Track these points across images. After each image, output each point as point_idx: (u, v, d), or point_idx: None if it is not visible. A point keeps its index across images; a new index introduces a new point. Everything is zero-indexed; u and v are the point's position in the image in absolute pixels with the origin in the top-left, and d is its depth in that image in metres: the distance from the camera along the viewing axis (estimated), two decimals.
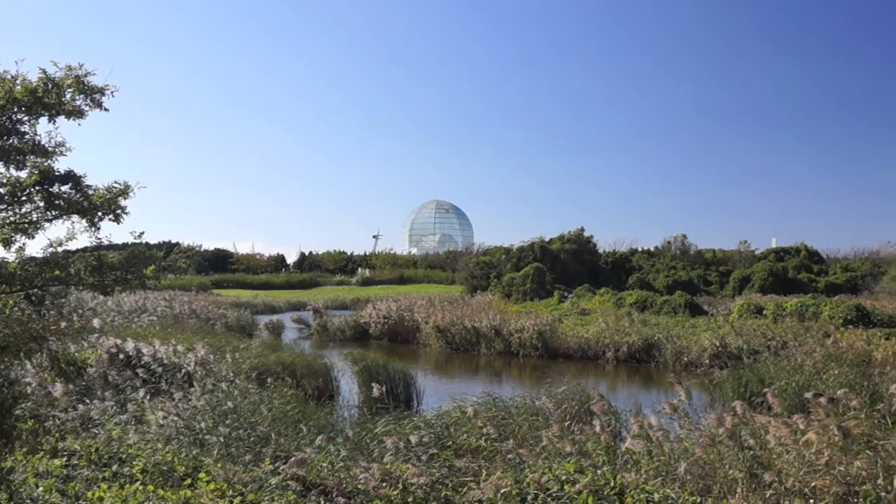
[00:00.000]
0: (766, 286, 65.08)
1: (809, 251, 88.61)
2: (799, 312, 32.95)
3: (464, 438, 10.04)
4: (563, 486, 6.96)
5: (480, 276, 69.53)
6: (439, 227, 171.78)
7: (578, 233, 74.17)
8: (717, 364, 23.16)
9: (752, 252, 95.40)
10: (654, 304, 39.95)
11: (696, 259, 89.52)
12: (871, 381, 14.84)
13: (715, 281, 75.75)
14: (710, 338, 25.84)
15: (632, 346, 27.06)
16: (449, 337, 31.91)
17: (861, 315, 30.81)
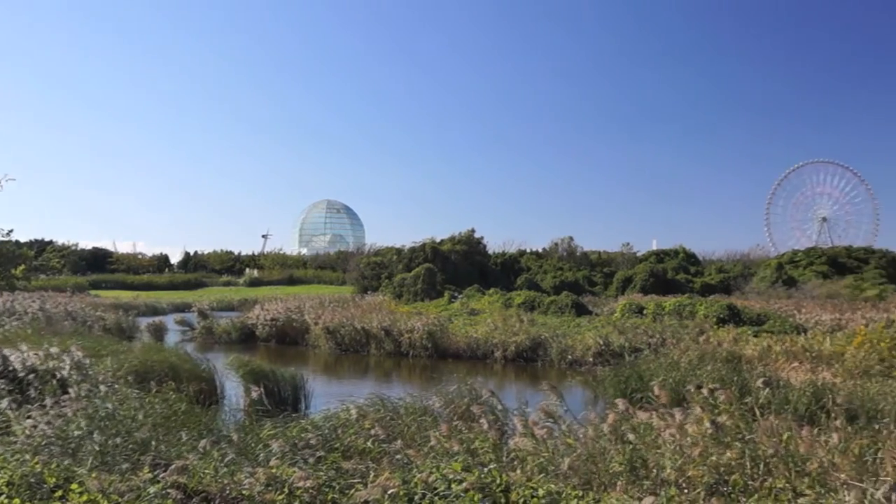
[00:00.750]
0: (647, 286, 67.74)
1: (687, 253, 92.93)
2: (677, 312, 34.47)
3: (352, 440, 9.94)
4: (451, 485, 6.98)
5: (371, 276, 69.29)
6: (330, 227, 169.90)
7: (469, 234, 75.00)
8: (600, 362, 23.91)
9: (634, 254, 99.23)
10: (542, 305, 40.85)
11: (582, 260, 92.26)
12: (741, 376, 15.67)
13: (600, 281, 78.27)
14: (594, 337, 26.66)
15: (519, 345, 27.57)
16: (339, 338, 31.61)
17: (733, 314, 32.53)
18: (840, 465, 7.48)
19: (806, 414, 12.03)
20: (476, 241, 75.54)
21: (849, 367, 17.39)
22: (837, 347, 20.16)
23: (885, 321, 31.60)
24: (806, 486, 6.74)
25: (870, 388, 14.27)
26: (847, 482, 6.86)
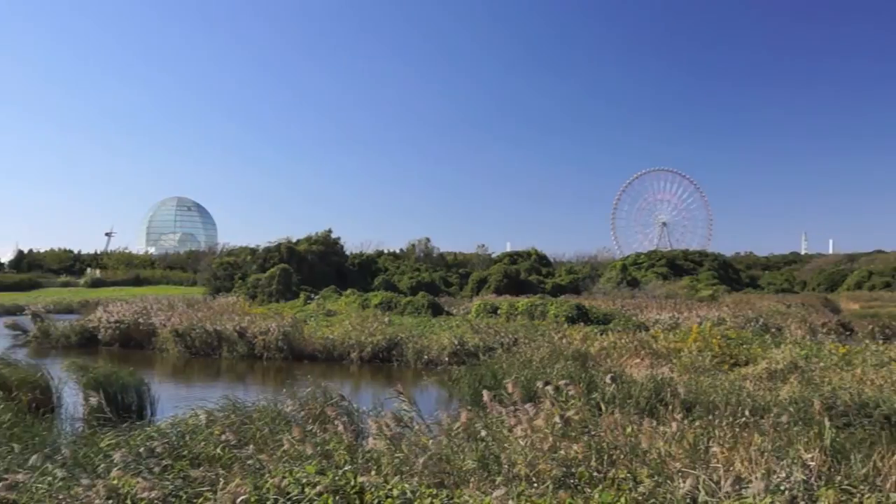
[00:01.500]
0: (501, 287, 69.49)
1: (539, 255, 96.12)
2: (529, 311, 35.56)
3: (201, 447, 9.56)
4: (304, 489, 6.87)
5: (224, 277, 67.09)
6: (181, 225, 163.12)
7: (326, 234, 74.14)
8: (455, 361, 24.25)
9: (489, 255, 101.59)
10: (399, 305, 41.01)
11: (439, 261, 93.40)
12: (589, 372, 16.37)
13: (455, 282, 79.54)
14: (450, 336, 27.05)
15: (376, 346, 27.55)
16: (188, 341, 30.36)
17: (581, 313, 33.95)
18: (676, 455, 7.95)
19: (647, 407, 12.70)
20: (333, 242, 74.82)
21: (685, 363, 18.55)
22: (675, 344, 21.47)
23: (716, 319, 33.99)
24: (645, 475, 7.12)
25: (703, 382, 15.29)
26: (682, 470, 7.31)
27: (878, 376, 14.88)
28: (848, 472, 7.63)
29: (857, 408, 12.81)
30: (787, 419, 10.50)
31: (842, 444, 9.00)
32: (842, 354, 18.59)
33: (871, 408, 12.78)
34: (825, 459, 7.88)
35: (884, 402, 12.81)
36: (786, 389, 14.26)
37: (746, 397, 13.43)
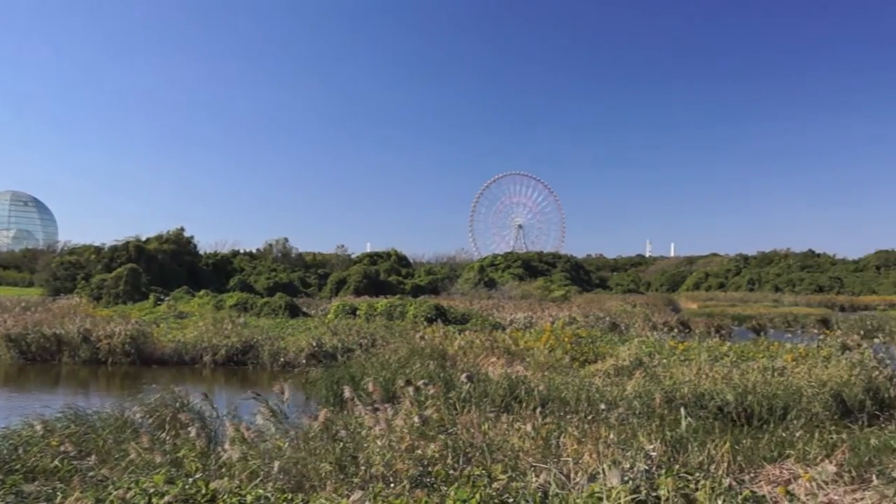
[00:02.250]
0: (360, 288, 69.25)
1: (399, 256, 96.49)
2: (388, 312, 35.61)
3: (37, 459, 8.92)
4: (151, 500, 6.56)
5: (66, 277, 62.95)
6: (16, 221, 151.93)
7: (178, 233, 71.08)
8: (313, 363, 23.92)
9: (348, 255, 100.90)
10: (255, 306, 40.02)
11: (298, 262, 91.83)
12: (447, 371, 16.58)
13: (314, 283, 78.49)
14: (308, 338, 26.66)
15: (231, 348, 26.71)
16: (23, 346, 28.25)
17: (440, 313, 34.35)
18: (529, 450, 8.19)
19: (502, 405, 13.02)
20: (186, 241, 71.87)
21: (539, 361, 19.15)
22: (529, 343, 22.14)
23: (568, 319, 35.34)
24: (500, 470, 7.29)
25: (555, 379, 15.84)
26: (535, 465, 7.54)
27: (713, 370, 15.93)
28: (685, 460, 8.14)
29: (694, 400, 13.68)
30: (631, 412, 11.06)
31: (680, 434, 9.58)
32: (681, 351, 19.79)
33: (707, 400, 13.68)
34: (665, 449, 8.37)
35: (717, 395, 13.74)
36: (631, 384, 15.01)
37: (595, 393, 14.02)
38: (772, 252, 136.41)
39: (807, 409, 13.33)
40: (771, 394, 13.79)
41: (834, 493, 7.43)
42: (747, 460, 8.78)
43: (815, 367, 15.95)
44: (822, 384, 14.19)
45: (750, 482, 8.03)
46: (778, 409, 13.38)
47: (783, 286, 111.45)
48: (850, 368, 15.24)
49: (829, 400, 13.63)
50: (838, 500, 7.24)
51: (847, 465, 8.13)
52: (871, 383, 14.61)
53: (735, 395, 13.65)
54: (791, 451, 9.18)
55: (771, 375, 15.32)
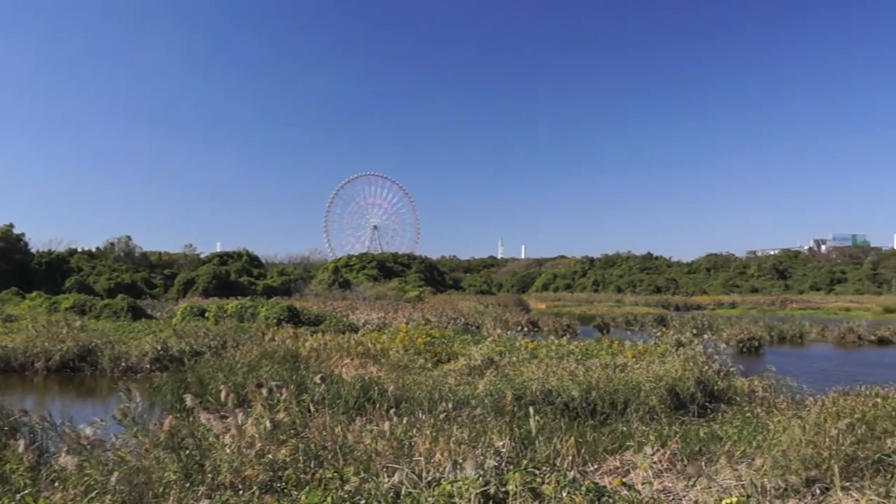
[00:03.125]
0: (209, 289, 66.91)
1: (250, 256, 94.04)
2: (239, 314, 34.63)
3: None
4: None
5: None
6: None
7: (6, 229, 65.94)
8: (158, 368, 22.87)
9: (197, 255, 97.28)
10: (95, 308, 37.85)
11: (142, 261, 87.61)
12: (299, 373, 16.31)
13: (160, 284, 75.09)
14: (152, 341, 25.44)
15: (66, 353, 25.01)
16: None
17: (293, 315, 33.76)
18: (382, 451, 8.19)
19: (355, 406, 12.96)
20: (16, 239, 66.80)
21: (392, 362, 19.22)
22: (383, 344, 22.17)
23: (422, 319, 35.68)
24: (352, 472, 7.25)
25: (409, 379, 15.95)
26: (387, 465, 7.56)
27: (560, 368, 16.57)
28: (533, 455, 8.41)
29: (542, 396, 14.17)
30: (482, 410, 11.30)
31: (528, 430, 9.89)
32: (531, 349, 20.45)
33: (554, 396, 14.21)
34: (515, 445, 8.61)
35: (564, 391, 14.30)
36: (483, 383, 15.34)
37: (448, 392, 14.23)
38: (615, 255, 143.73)
39: (645, 403, 14.12)
40: (613, 389, 14.50)
41: (667, 481, 7.91)
42: (591, 453, 9.19)
43: (653, 363, 16.93)
44: (658, 379, 15.07)
45: (593, 473, 8.41)
46: (619, 404, 14.10)
47: (625, 287, 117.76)
48: (684, 364, 16.28)
49: (664, 394, 14.50)
50: (671, 487, 7.72)
51: (679, 454, 8.68)
52: (702, 377, 15.69)
53: (580, 392, 14.25)
54: (630, 442, 9.69)
55: (613, 372, 16.11)
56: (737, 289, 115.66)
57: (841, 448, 8.34)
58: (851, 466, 8.08)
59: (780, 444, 8.69)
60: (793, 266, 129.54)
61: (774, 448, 8.62)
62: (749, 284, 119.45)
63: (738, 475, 7.63)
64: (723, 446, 9.17)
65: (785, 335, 40.33)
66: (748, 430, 10.95)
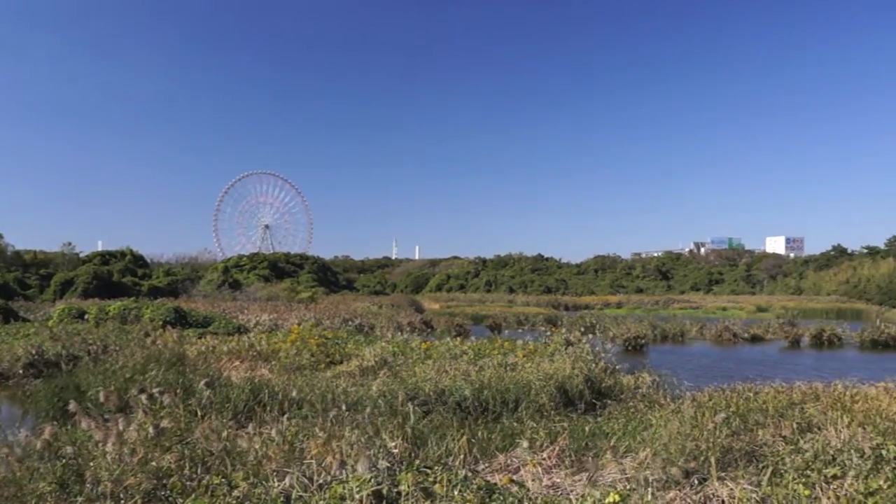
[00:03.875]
0: (90, 289, 63.93)
1: (135, 255, 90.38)
2: (122, 316, 33.22)
3: None
4: None
5: None
6: None
7: None
8: (32, 373, 21.65)
9: (76, 255, 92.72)
10: None
11: (15, 260, 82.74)
12: (186, 377, 15.78)
13: (35, 284, 71.18)
14: (26, 345, 24.03)
15: None
16: None
17: (180, 316, 32.68)
18: (273, 455, 8.03)
19: (244, 410, 12.66)
20: None
21: (284, 363, 18.88)
22: (275, 345, 21.76)
23: (314, 320, 35.27)
24: (241, 478, 7.07)
25: (301, 381, 15.71)
26: (277, 469, 7.41)
27: (453, 367, 16.70)
28: (426, 455, 8.44)
29: (435, 396, 14.24)
30: (375, 412, 11.26)
31: (422, 430, 9.93)
32: (424, 350, 20.53)
33: (447, 396, 14.31)
34: (407, 446, 8.62)
35: (456, 391, 14.42)
36: (376, 384, 15.29)
37: (341, 394, 14.10)
38: (507, 256, 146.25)
39: (535, 401, 14.41)
40: (504, 388, 14.73)
41: (556, 476, 8.11)
42: (482, 451, 9.30)
43: (543, 362, 17.30)
44: (548, 377, 15.41)
45: (484, 471, 8.52)
46: (510, 402, 14.33)
47: (517, 287, 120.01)
48: (573, 362, 16.72)
49: (554, 391, 14.84)
50: (560, 483, 7.91)
51: (568, 450, 8.91)
52: (590, 375, 16.16)
53: (472, 391, 14.41)
54: (521, 440, 9.87)
55: (504, 371, 16.37)
56: (623, 289, 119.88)
57: (717, 440, 8.77)
58: (727, 457, 8.51)
59: (661, 439, 9.06)
60: (675, 267, 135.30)
61: (656, 442, 8.97)
62: (634, 285, 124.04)
63: (622, 469, 7.89)
64: (608, 441, 9.47)
65: (667, 333, 42.03)
66: (632, 425, 11.36)
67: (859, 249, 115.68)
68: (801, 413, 11.86)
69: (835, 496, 6.57)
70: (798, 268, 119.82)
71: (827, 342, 39.13)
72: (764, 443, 9.43)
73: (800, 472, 7.48)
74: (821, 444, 8.46)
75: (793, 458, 8.15)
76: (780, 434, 10.07)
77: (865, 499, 6.12)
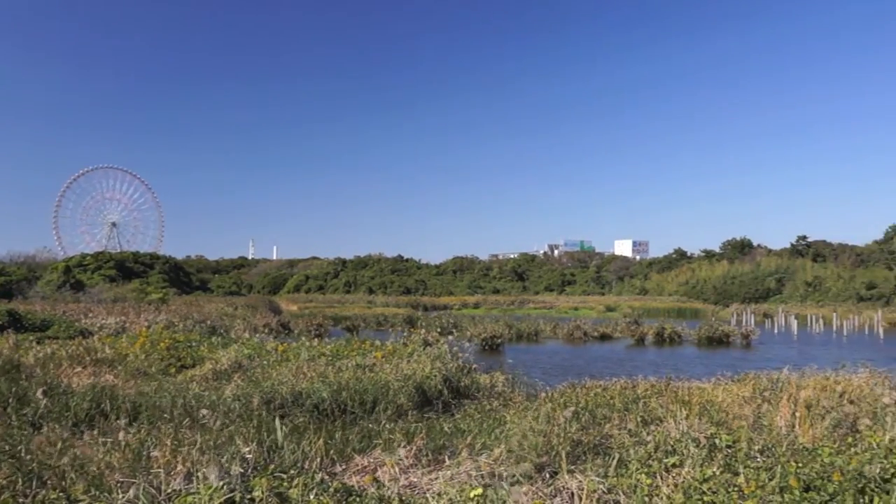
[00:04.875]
0: None
1: None
2: None
3: None
4: None
5: None
6: None
7: None
8: None
9: None
10: None
11: None
12: (21, 385, 14.69)
13: None
14: None
15: None
16: None
17: (14, 319, 30.45)
18: (117, 464, 7.62)
19: (86, 418, 11.95)
20: None
21: (131, 368, 17.98)
22: (122, 350, 20.68)
23: (165, 323, 33.84)
24: (81, 491, 6.66)
25: (149, 387, 15.01)
26: (122, 480, 7.03)
27: (311, 369, 16.48)
28: (282, 459, 8.27)
29: (292, 399, 14.00)
30: (229, 416, 10.93)
31: (277, 434, 9.71)
32: (281, 352, 20.14)
33: (304, 398, 14.10)
34: (262, 451, 8.41)
35: (314, 393, 14.23)
36: (230, 388, 14.84)
37: (192, 399, 13.59)
38: (367, 256, 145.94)
39: (393, 402, 14.46)
40: (362, 389, 14.69)
41: (414, 476, 8.15)
42: (339, 453, 9.22)
43: (402, 362, 17.39)
44: (406, 378, 15.50)
45: (342, 474, 8.44)
46: (368, 403, 14.31)
47: (376, 288, 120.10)
48: (431, 362, 16.90)
49: (412, 392, 14.95)
50: (418, 482, 7.96)
51: (425, 449, 8.98)
52: (447, 375, 16.39)
53: (330, 393, 14.27)
54: (378, 441, 9.87)
55: (363, 372, 16.33)
56: (480, 290, 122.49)
57: (568, 435, 9.11)
58: (577, 451, 8.85)
59: (515, 435, 9.30)
60: (530, 269, 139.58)
61: (511, 439, 9.21)
62: (492, 286, 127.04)
63: (478, 466, 8.04)
64: (465, 440, 9.63)
65: (522, 333, 43.35)
66: (488, 423, 11.61)
67: (698, 253, 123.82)
68: (645, 407, 12.56)
69: (673, 483, 6.97)
70: (643, 269, 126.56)
71: (668, 339, 41.62)
72: (611, 436, 9.89)
73: (643, 463, 7.89)
74: (662, 436, 8.95)
75: (637, 450, 8.59)
76: (626, 427, 10.60)
77: (700, 485, 6.52)
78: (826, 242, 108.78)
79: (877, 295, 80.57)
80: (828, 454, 7.23)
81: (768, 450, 8.36)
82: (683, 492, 6.30)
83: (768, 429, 10.23)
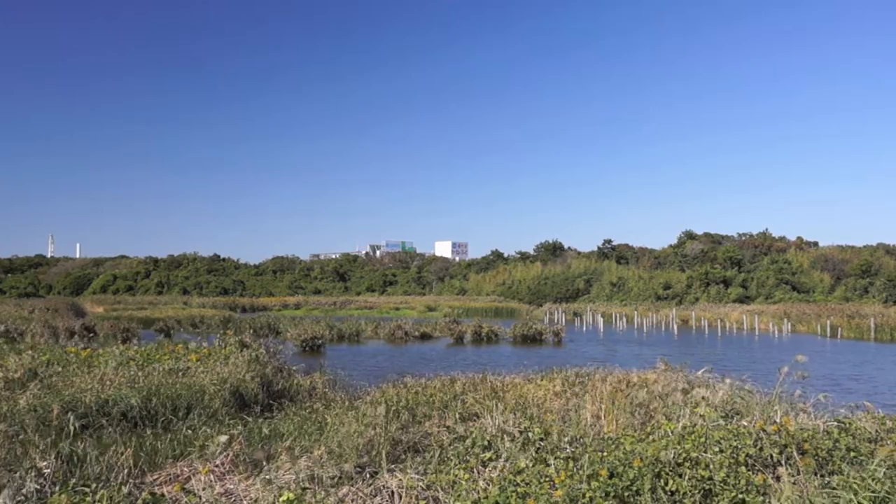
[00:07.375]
0: None
1: None
2: None
3: None
4: None
5: None
6: None
7: None
8: None
9: None
10: None
11: None
12: None
13: None
14: None
15: None
16: None
17: None
18: None
19: None
20: None
21: None
22: None
23: None
24: None
25: None
26: None
27: (119, 375, 15.54)
28: (85, 472, 7.74)
29: (97, 407, 13.13)
30: (23, 428, 10.09)
31: (80, 446, 9.08)
32: (85, 357, 18.81)
33: (111, 406, 13.27)
34: (62, 464, 7.84)
35: (121, 400, 13.43)
36: (25, 398, 13.69)
37: None
38: (181, 255, 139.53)
39: (209, 406, 13.96)
40: (175, 394, 14.07)
41: (230, 483, 7.90)
42: (150, 462, 8.78)
43: (217, 365, 16.81)
44: (223, 381, 15.01)
45: (153, 483, 8.03)
46: (182, 408, 13.72)
47: (191, 289, 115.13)
48: (248, 365, 16.45)
49: (228, 395, 14.49)
50: (234, 489, 7.72)
51: (242, 454, 8.73)
52: (265, 377, 16.04)
53: (139, 399, 13.55)
54: (193, 447, 9.48)
55: (176, 376, 15.63)
56: (301, 290, 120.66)
57: (388, 434, 9.19)
58: (397, 450, 8.96)
59: (336, 436, 9.26)
60: (352, 269, 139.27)
61: (331, 440, 9.16)
62: (313, 286, 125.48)
63: (297, 469, 7.93)
64: (284, 443, 9.47)
65: (344, 333, 43.17)
66: (308, 425, 11.48)
67: (513, 254, 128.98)
68: (463, 404, 12.94)
69: (490, 477, 7.23)
70: (462, 270, 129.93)
71: (486, 338, 43.03)
72: (430, 433, 10.09)
73: (461, 458, 8.12)
74: (479, 432, 9.25)
75: (455, 446, 8.83)
76: (445, 424, 10.87)
77: (515, 477, 6.80)
78: (628, 246, 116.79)
79: (671, 294, 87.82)
80: (630, 443, 7.77)
81: (577, 440, 8.88)
82: (499, 485, 6.54)
83: (576, 421, 10.85)
